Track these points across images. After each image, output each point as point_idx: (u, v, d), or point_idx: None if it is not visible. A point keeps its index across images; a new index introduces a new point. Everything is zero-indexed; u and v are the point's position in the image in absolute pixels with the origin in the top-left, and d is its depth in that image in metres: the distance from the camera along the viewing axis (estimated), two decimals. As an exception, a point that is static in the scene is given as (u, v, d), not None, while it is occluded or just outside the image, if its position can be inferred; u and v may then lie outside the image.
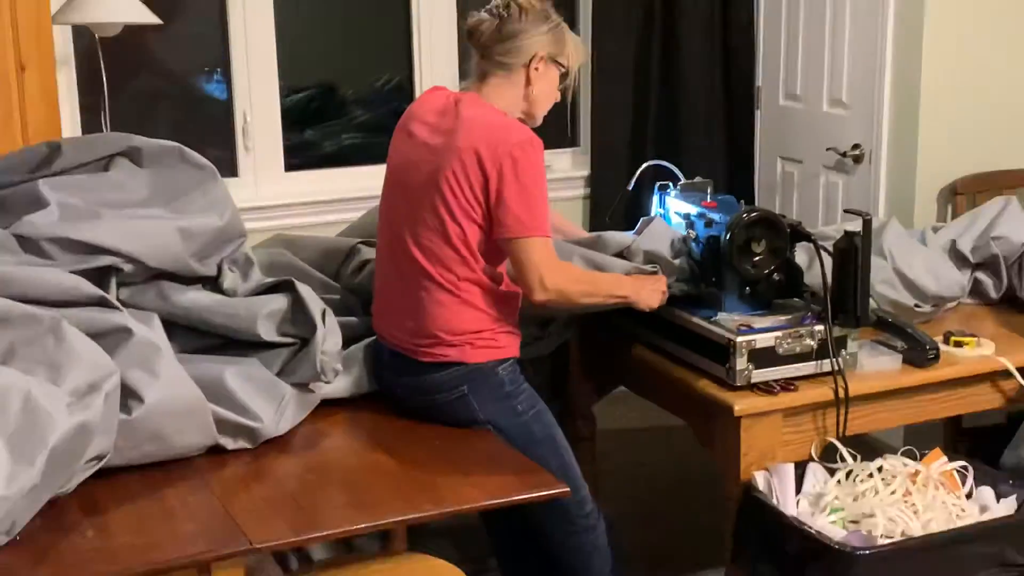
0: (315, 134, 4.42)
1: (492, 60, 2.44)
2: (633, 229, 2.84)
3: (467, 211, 2.34)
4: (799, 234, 2.58)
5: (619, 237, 2.67)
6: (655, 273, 2.59)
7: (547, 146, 4.29)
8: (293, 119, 4.28)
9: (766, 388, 2.46)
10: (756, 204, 4.28)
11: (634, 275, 2.57)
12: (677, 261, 2.63)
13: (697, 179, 2.87)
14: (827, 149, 3.95)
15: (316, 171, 4.08)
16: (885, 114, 3.75)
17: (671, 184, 2.87)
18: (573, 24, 4.24)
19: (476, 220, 2.35)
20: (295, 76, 4.38)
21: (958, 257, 2.98)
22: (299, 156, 4.17)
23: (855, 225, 2.51)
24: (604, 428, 3.22)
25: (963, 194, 3.73)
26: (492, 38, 2.43)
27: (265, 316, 2.35)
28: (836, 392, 2.47)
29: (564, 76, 2.50)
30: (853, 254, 2.46)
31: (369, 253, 2.70)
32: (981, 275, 2.99)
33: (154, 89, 4.03)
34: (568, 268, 2.46)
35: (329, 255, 2.77)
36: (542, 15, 2.46)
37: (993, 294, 3.00)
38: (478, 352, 2.41)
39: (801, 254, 2.68)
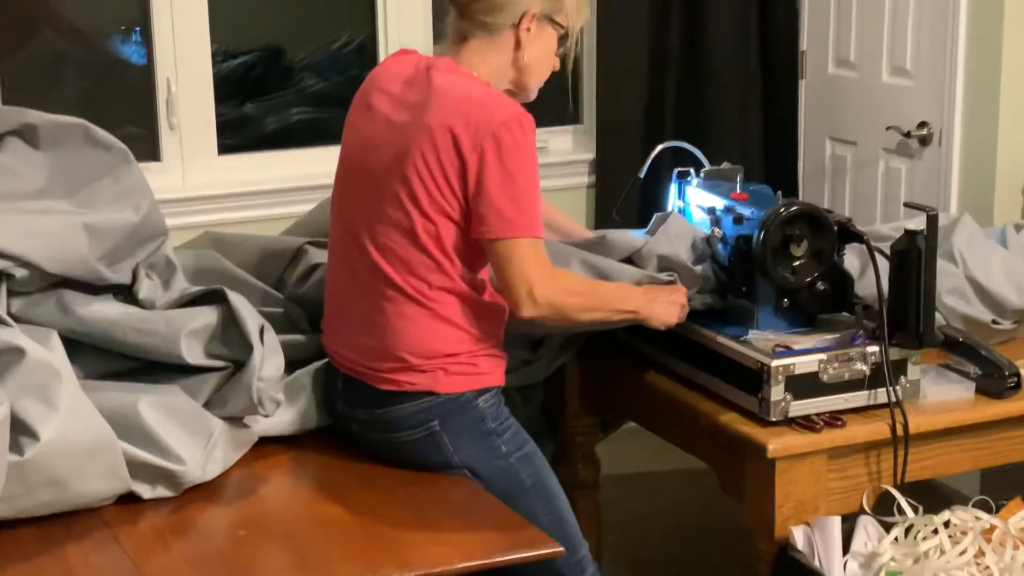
0: (256, 108, 4.44)
1: (473, 19, 2.46)
2: (646, 226, 2.86)
3: (440, 205, 2.36)
4: (849, 233, 2.60)
5: (627, 238, 2.69)
6: (672, 283, 2.61)
7: (542, 123, 4.31)
8: (229, 89, 4.30)
9: (807, 423, 2.47)
10: (798, 195, 4.34)
11: (646, 285, 2.59)
12: (699, 268, 2.65)
13: (725, 165, 2.89)
14: (887, 128, 3.96)
15: (257, 154, 4.08)
16: (959, 86, 3.77)
17: (692, 171, 2.88)
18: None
19: (451, 216, 2.37)
20: (233, 37, 4.40)
21: (1046, 262, 3.00)
22: (236, 135, 4.18)
23: (918, 223, 2.53)
24: (609, 472, 3.24)
25: (1054, 184, 3.76)
26: None
27: (190, 333, 2.37)
28: (893, 429, 2.49)
29: (563, 39, 2.52)
30: (915, 258, 2.48)
31: (319, 256, 2.72)
32: (1075, 284, 3.01)
33: (56, 52, 4.04)
34: (564, 277, 2.48)
35: (270, 258, 2.78)
36: None
37: (1089, 308, 3.02)
38: (453, 379, 2.42)
39: (852, 258, 2.70)
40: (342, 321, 2.52)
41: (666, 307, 2.57)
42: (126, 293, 2.48)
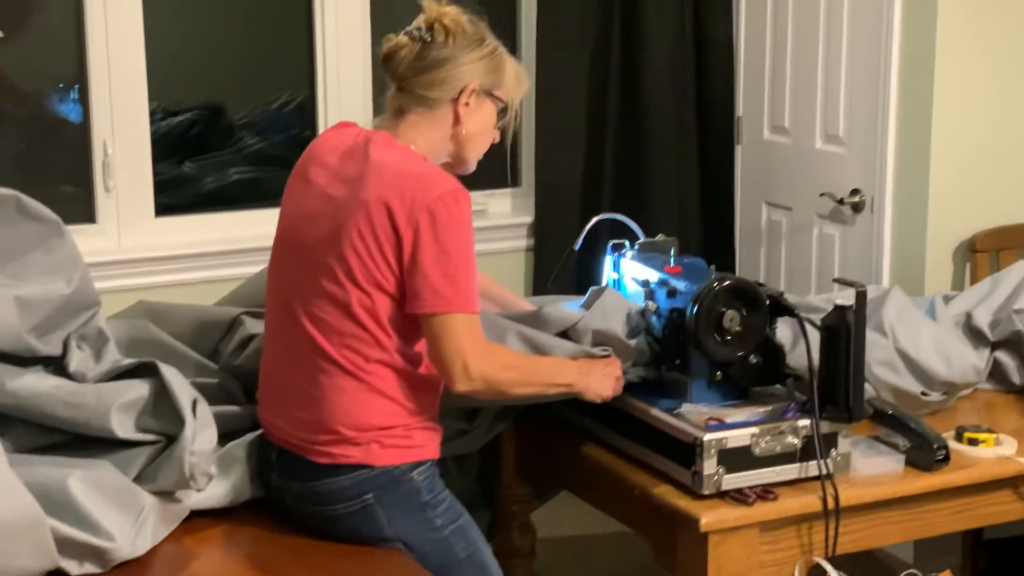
0: (195, 167, 4.43)
1: (412, 93, 2.47)
2: (583, 295, 2.87)
3: (375, 278, 2.36)
4: (781, 307, 2.62)
5: (563, 313, 2.68)
6: (606, 356, 2.62)
7: (482, 186, 4.35)
8: (168, 148, 4.29)
9: (739, 497, 2.48)
10: (735, 259, 4.38)
11: (581, 359, 2.60)
12: (633, 341, 2.66)
13: (659, 237, 2.89)
14: (821, 195, 4.01)
15: (194, 216, 4.06)
16: (890, 153, 3.82)
17: (627, 243, 2.89)
18: (513, 39, 4.29)
19: (386, 289, 2.37)
20: (172, 94, 4.39)
21: (974, 333, 3.03)
22: (174, 195, 4.17)
23: (849, 296, 2.55)
24: (545, 536, 3.23)
25: (983, 251, 3.81)
26: (411, 67, 2.45)
27: (121, 407, 2.34)
28: (824, 501, 2.50)
29: (503, 112, 2.54)
30: (844, 334, 2.50)
31: (255, 326, 2.70)
32: (1002, 356, 3.05)
33: (-7, 110, 4.02)
34: (498, 352, 2.48)
35: (205, 328, 2.76)
36: (474, 39, 2.48)
37: (1016, 379, 3.06)
38: (388, 452, 2.42)
39: (784, 329, 2.72)
40: (277, 393, 2.51)
41: (600, 380, 2.57)
42: (57, 365, 2.45)
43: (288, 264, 2.48)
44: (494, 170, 4.20)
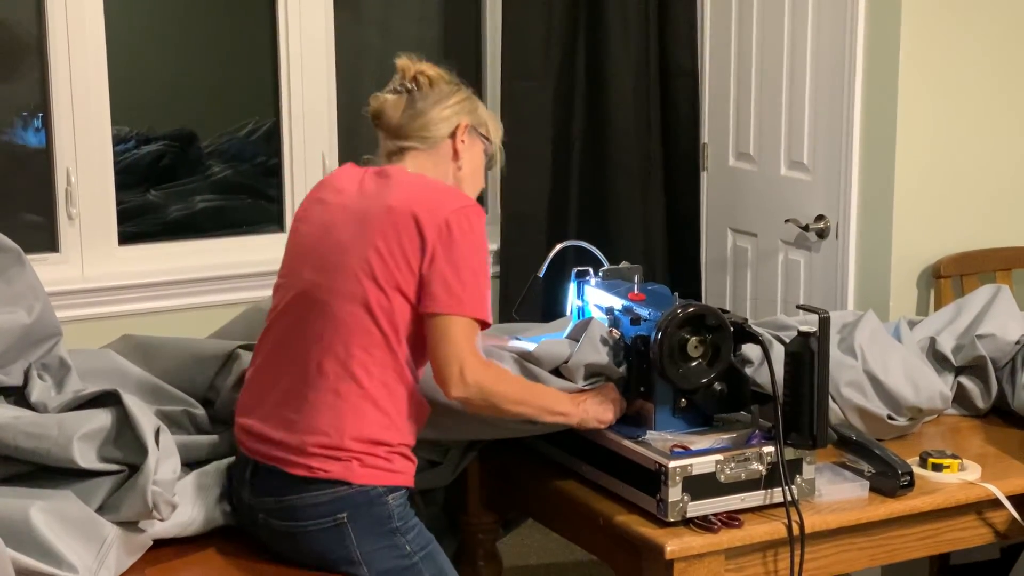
0: (160, 195, 4.42)
1: (410, 136, 2.58)
2: (549, 320, 2.87)
3: (395, 280, 2.42)
4: (745, 334, 2.63)
5: (553, 350, 2.68)
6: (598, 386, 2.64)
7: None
8: (137, 177, 4.28)
9: (705, 524, 2.48)
10: (701, 285, 4.39)
11: (573, 393, 2.62)
12: (621, 369, 2.67)
13: (623, 264, 2.91)
14: (786, 221, 4.04)
15: (158, 244, 4.05)
16: (854, 180, 3.85)
17: (591, 270, 2.90)
18: (479, 69, 4.32)
19: (405, 292, 2.43)
20: (146, 121, 4.39)
21: (938, 359, 3.06)
22: (138, 223, 4.15)
23: (814, 323, 2.57)
24: (511, 565, 3.23)
25: (947, 277, 3.84)
26: (405, 116, 2.58)
27: (83, 437, 2.34)
28: (790, 528, 2.51)
29: (490, 159, 2.67)
30: (808, 360, 2.52)
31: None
32: (966, 381, 3.07)
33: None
34: (495, 366, 2.53)
35: (200, 363, 2.74)
36: (453, 84, 2.63)
37: (980, 404, 3.08)
38: (368, 472, 2.43)
39: (755, 349, 2.74)
40: (267, 398, 2.50)
41: (598, 406, 2.60)
42: (17, 395, 2.44)
43: (302, 269, 2.52)
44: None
